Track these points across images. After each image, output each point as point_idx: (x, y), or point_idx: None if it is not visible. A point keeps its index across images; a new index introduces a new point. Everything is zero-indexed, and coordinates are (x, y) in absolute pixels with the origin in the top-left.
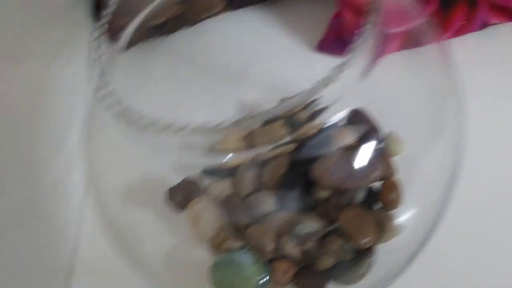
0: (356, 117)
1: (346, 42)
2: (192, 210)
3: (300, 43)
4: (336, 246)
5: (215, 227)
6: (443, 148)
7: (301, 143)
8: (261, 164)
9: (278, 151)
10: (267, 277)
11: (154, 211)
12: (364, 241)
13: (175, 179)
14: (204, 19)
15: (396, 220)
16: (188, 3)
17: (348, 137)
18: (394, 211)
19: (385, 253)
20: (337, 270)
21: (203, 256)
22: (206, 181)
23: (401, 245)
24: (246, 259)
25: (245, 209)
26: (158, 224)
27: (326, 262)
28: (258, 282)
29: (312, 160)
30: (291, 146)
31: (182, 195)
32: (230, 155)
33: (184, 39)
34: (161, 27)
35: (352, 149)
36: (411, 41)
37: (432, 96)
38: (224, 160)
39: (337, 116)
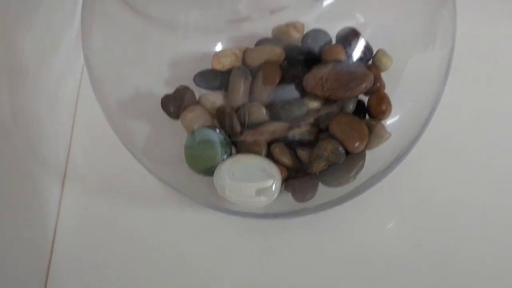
0: (348, 35)
1: None
2: (185, 117)
3: None
4: (328, 151)
5: None
6: (432, 58)
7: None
8: (252, 72)
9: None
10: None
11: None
12: (356, 145)
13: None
14: None
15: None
16: None
17: (339, 53)
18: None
19: (372, 157)
20: (329, 173)
21: None
22: (198, 93)
23: (387, 151)
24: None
25: (238, 119)
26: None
27: (319, 165)
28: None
29: (303, 71)
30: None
31: (176, 103)
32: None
33: None
34: None
35: (343, 63)
36: None
37: (424, 7)
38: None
39: None
